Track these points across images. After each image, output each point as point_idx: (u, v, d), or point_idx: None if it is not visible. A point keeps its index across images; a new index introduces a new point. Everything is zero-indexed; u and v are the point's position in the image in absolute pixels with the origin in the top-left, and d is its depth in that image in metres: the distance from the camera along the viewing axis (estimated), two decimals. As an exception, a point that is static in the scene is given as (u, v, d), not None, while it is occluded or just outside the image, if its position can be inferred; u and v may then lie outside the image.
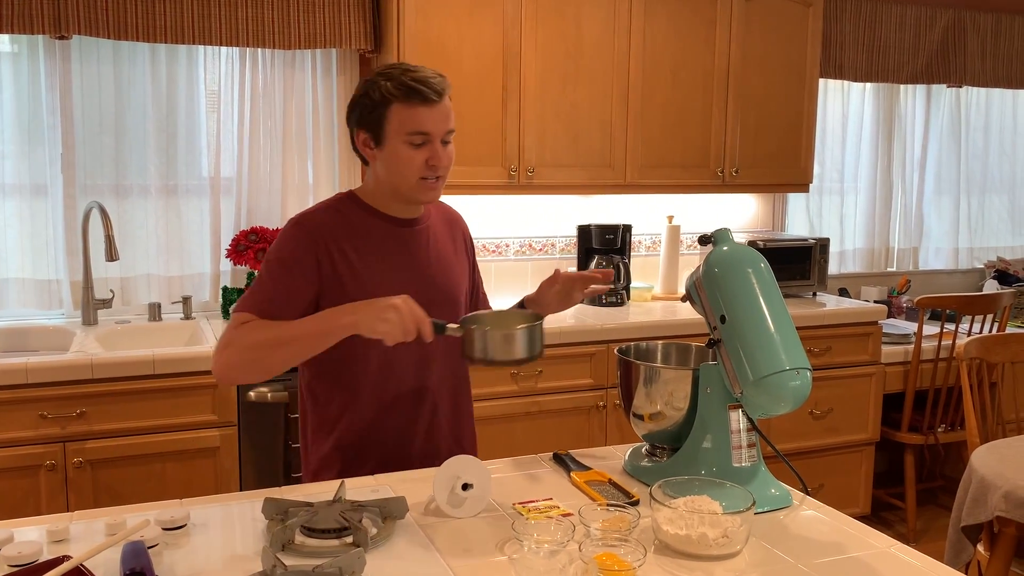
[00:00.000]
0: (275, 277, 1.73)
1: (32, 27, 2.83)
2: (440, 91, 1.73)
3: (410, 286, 1.73)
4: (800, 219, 4.35)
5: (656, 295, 3.80)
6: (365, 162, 1.83)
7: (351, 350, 1.74)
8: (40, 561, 1.27)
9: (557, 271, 1.90)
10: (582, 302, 1.77)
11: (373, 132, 1.75)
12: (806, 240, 3.88)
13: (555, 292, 1.89)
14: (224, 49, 3.23)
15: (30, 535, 1.42)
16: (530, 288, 2.08)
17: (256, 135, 3.31)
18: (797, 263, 3.85)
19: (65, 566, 1.19)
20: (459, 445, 1.93)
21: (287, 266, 1.73)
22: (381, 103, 1.72)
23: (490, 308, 2.08)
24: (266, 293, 1.72)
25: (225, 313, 3.23)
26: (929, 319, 3.81)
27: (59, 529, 1.41)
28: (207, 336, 2.94)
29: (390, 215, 1.83)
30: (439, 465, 1.57)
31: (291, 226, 1.78)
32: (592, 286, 1.88)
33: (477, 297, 2.05)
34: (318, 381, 1.84)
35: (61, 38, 2.91)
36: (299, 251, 1.74)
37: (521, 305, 1.96)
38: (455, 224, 1.99)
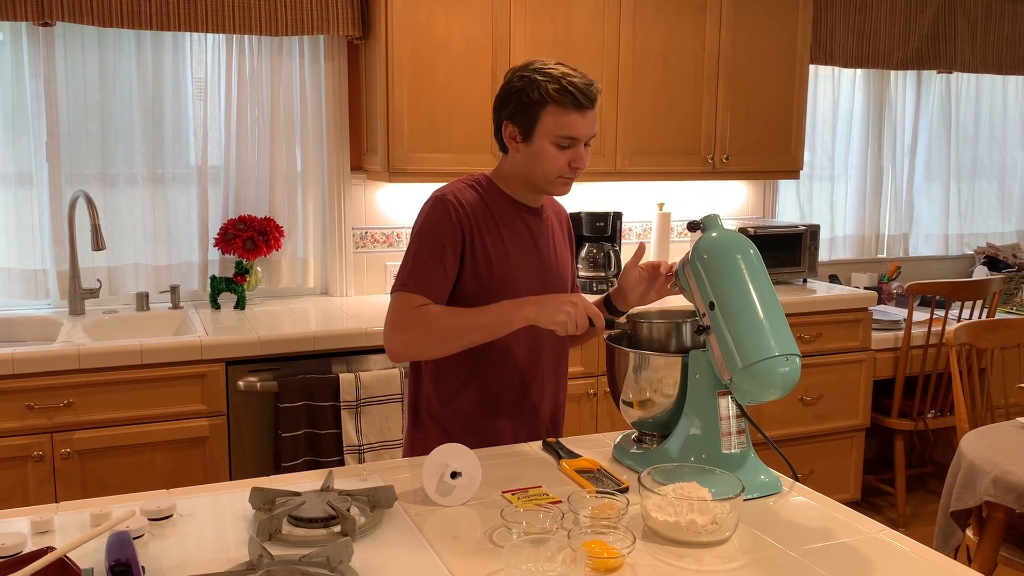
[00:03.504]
0: (431, 253, 1.80)
1: (15, 13, 2.80)
2: (593, 99, 1.80)
3: (534, 270, 1.89)
4: (790, 206, 4.35)
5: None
6: (503, 150, 1.89)
7: None
8: (23, 553, 1.25)
9: (642, 245, 1.93)
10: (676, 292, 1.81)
11: (523, 128, 1.82)
12: (796, 227, 3.88)
13: (638, 277, 1.88)
14: (210, 36, 3.20)
15: (14, 526, 1.41)
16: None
17: (243, 123, 3.28)
18: (787, 250, 3.85)
19: (48, 557, 1.18)
20: (554, 425, 2.03)
21: (440, 242, 1.81)
22: (538, 103, 1.78)
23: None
24: (424, 271, 1.80)
25: (214, 302, 3.21)
26: (919, 305, 3.82)
27: (43, 520, 1.40)
28: (195, 325, 2.92)
29: (521, 202, 1.91)
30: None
31: (438, 203, 1.84)
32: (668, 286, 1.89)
33: (572, 288, 2.08)
34: (445, 360, 1.89)
35: (45, 25, 2.88)
36: (448, 226, 1.81)
37: (607, 300, 1.96)
38: (562, 217, 2.07)
